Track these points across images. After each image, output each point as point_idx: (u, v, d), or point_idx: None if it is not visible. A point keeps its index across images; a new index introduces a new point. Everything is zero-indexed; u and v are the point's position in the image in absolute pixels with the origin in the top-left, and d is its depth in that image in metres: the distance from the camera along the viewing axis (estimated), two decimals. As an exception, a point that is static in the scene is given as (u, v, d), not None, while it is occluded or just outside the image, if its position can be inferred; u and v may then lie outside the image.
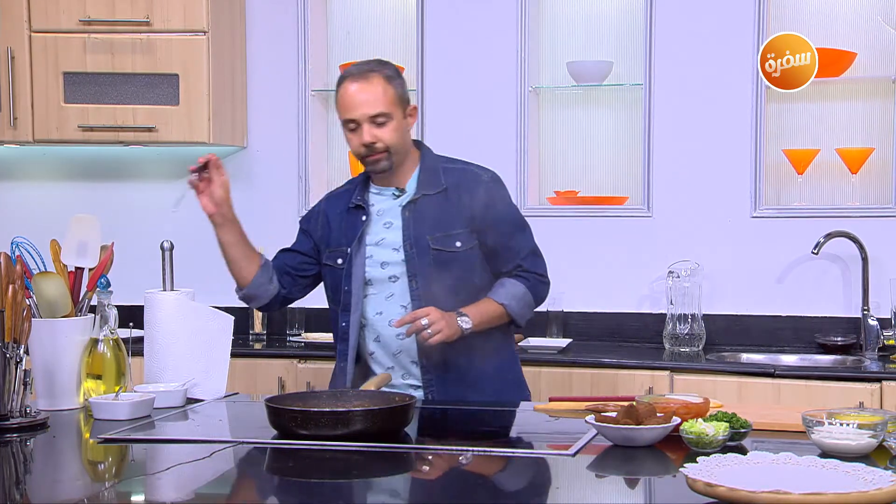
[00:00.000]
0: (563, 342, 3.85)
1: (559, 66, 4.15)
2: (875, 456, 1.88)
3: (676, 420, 2.03)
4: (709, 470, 1.62)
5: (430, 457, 2.03)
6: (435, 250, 2.66)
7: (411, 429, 2.18)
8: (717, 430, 1.93)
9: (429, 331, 2.51)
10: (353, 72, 2.67)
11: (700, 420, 1.99)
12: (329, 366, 3.71)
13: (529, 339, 3.91)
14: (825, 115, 3.93)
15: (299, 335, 4.10)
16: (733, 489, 1.50)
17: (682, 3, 3.95)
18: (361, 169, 4.18)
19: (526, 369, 3.56)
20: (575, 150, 4.21)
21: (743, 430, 2.00)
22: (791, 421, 2.16)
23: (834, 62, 3.77)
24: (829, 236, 3.73)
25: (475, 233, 2.69)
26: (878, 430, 1.89)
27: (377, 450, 2.01)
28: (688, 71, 3.96)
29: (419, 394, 2.66)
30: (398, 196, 2.72)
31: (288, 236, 4.30)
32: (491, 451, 2.02)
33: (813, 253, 3.72)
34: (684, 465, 1.64)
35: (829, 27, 3.88)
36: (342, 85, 2.66)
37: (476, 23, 4.16)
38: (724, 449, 1.91)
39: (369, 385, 2.48)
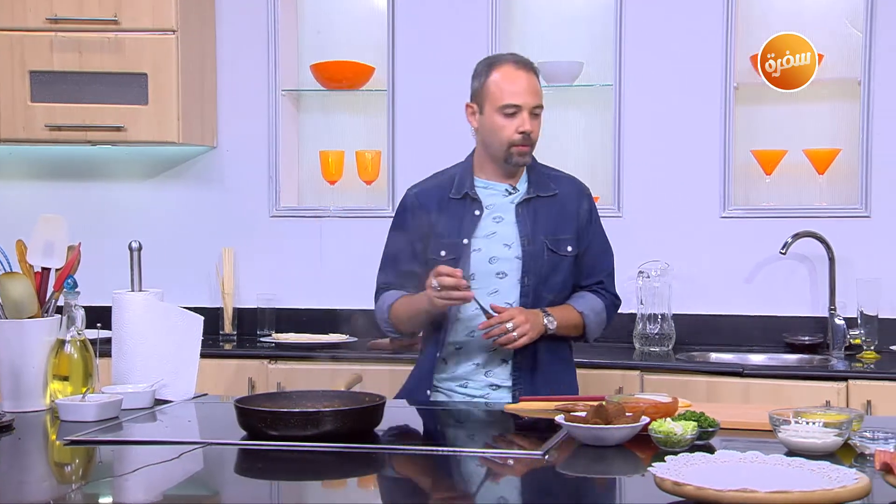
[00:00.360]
0: (534, 342, 3.85)
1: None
2: (840, 454, 1.89)
3: (645, 419, 2.04)
4: (677, 469, 1.63)
5: (400, 457, 2.02)
6: (550, 251, 2.69)
7: (382, 429, 2.17)
8: (685, 429, 1.95)
9: (514, 334, 2.54)
10: (510, 59, 2.68)
11: (669, 419, 2.00)
12: (300, 366, 3.74)
13: (500, 339, 3.91)
14: (793, 117, 3.96)
15: (270, 336, 4.08)
16: (701, 488, 1.50)
17: (651, 4, 3.97)
18: (335, 172, 4.21)
19: (497, 369, 3.59)
20: (545, 150, 4.20)
21: (711, 430, 2.01)
22: (759, 420, 2.17)
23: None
24: (796, 236, 3.76)
25: (579, 242, 2.75)
26: (844, 428, 1.91)
27: (347, 450, 2.00)
28: (658, 72, 3.98)
29: (500, 394, 2.67)
30: (511, 193, 2.73)
31: (258, 237, 4.35)
32: (461, 452, 2.02)
33: (781, 253, 3.75)
34: (652, 464, 1.65)
35: (796, 29, 3.90)
36: (501, 68, 2.66)
37: (447, 23, 4.17)
38: (693, 448, 1.92)
39: (339, 385, 2.47)
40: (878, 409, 3.21)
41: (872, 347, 3.60)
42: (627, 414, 2.05)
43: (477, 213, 2.70)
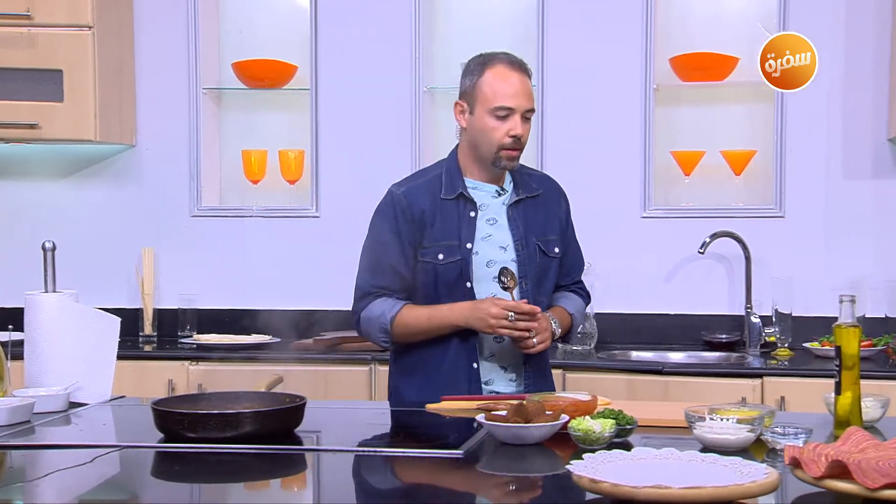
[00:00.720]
0: (458, 341, 3.86)
1: (454, 66, 4.16)
2: (753, 449, 1.93)
3: (565, 418, 2.06)
4: (594, 466, 1.64)
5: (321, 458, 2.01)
6: (543, 253, 2.67)
7: (302, 429, 2.16)
8: (603, 427, 1.97)
9: (534, 340, 2.52)
10: (505, 59, 2.59)
11: (587, 417, 2.02)
12: (222, 368, 3.70)
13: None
14: (710, 118, 4.04)
15: (191, 337, 4.02)
16: (617, 485, 1.52)
17: (573, 7, 4.01)
18: (258, 172, 4.17)
19: (420, 369, 3.58)
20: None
21: (629, 427, 2.04)
22: (676, 417, 2.21)
23: (717, 66, 3.88)
24: (714, 236, 3.83)
25: (562, 242, 2.73)
26: (756, 424, 1.95)
27: (267, 451, 1.98)
28: (580, 74, 4.02)
29: (510, 389, 2.63)
30: (501, 195, 2.67)
31: (178, 238, 4.29)
32: (381, 452, 2.01)
33: (699, 252, 3.81)
34: (571, 462, 1.66)
35: (712, 32, 3.99)
36: (494, 68, 2.56)
37: (370, 23, 4.16)
38: (611, 445, 1.94)
39: (260, 386, 2.45)
40: (791, 405, 3.28)
41: (787, 345, 3.68)
42: (548, 413, 2.06)
43: (472, 214, 2.61)
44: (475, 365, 2.61)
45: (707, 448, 1.91)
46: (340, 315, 4.13)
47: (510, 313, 2.49)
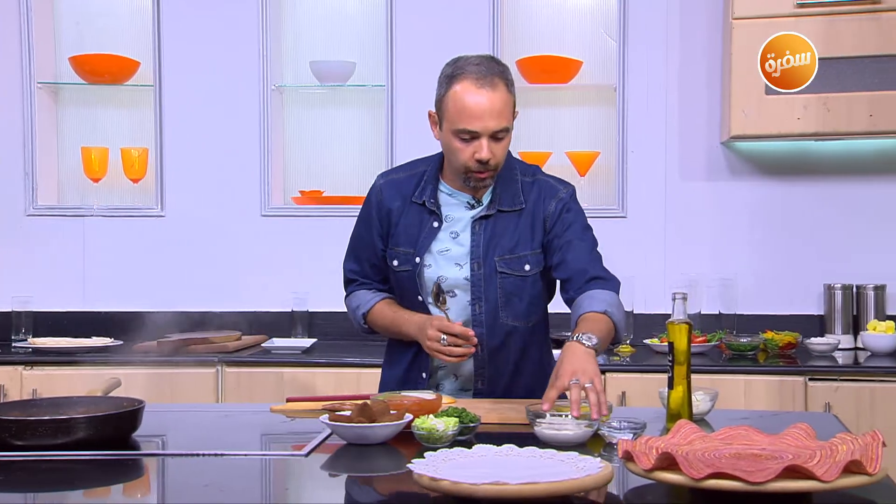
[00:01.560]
0: (308, 342, 3.84)
1: (302, 65, 4.14)
2: (591, 444, 1.98)
3: (409, 417, 2.07)
4: (434, 465, 1.65)
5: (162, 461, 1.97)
6: (502, 273, 2.44)
7: (141, 434, 2.10)
8: (446, 425, 1.98)
9: (597, 397, 2.04)
10: (475, 72, 2.33)
11: (431, 416, 2.03)
12: (59, 372, 3.57)
13: (273, 339, 3.88)
14: (556, 120, 4.13)
15: (26, 340, 3.86)
16: (456, 482, 1.54)
17: (421, 9, 4.03)
18: (99, 170, 4.04)
19: (269, 370, 3.56)
20: (320, 149, 4.21)
21: (472, 425, 2.06)
22: (520, 415, 2.26)
23: (562, 69, 3.97)
24: (559, 236, 3.91)
25: (543, 250, 2.47)
26: (593, 420, 2.00)
27: (102, 458, 1.92)
28: (430, 74, 4.03)
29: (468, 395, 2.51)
30: (472, 207, 2.47)
31: (12, 237, 4.12)
32: (222, 454, 1.98)
33: (545, 252, 3.88)
34: (412, 461, 1.67)
35: (557, 36, 4.08)
36: (460, 84, 2.33)
37: (216, 19, 4.09)
38: (454, 444, 1.96)
39: (95, 391, 2.36)
40: (631, 400, 3.39)
41: (628, 341, 3.79)
42: (392, 412, 2.06)
43: (435, 225, 2.47)
44: (423, 374, 2.52)
45: (548, 444, 1.94)
46: (185, 317, 4.05)
47: (442, 336, 2.32)
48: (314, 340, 3.91)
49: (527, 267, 2.46)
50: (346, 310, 2.66)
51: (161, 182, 4.09)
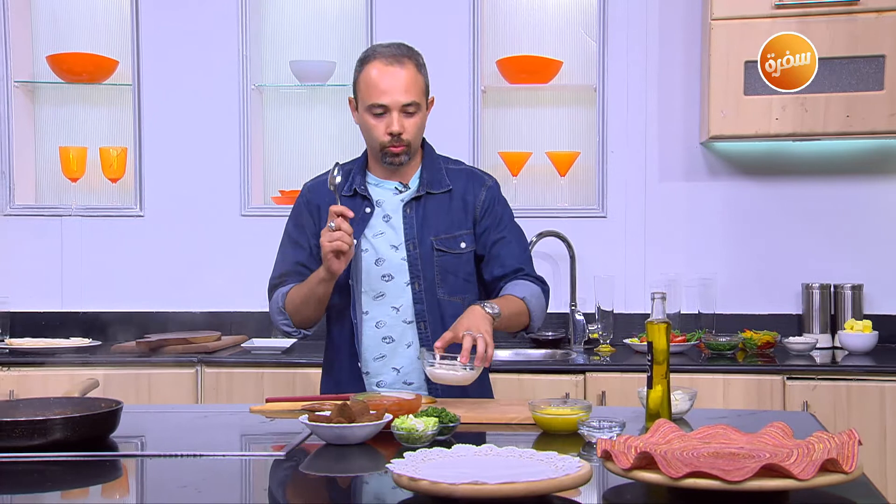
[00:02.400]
0: (288, 342, 3.83)
1: (282, 64, 4.13)
2: (570, 443, 1.99)
3: (389, 417, 2.07)
4: (414, 465, 1.65)
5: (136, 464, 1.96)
6: (439, 251, 2.56)
7: (119, 435, 2.09)
8: (426, 425, 1.98)
9: (485, 350, 2.29)
10: (385, 53, 2.51)
11: (411, 416, 2.03)
12: (36, 373, 3.54)
13: (253, 339, 3.87)
14: (536, 120, 4.13)
15: (3, 341, 3.84)
16: (435, 482, 1.54)
17: (401, 9, 4.03)
18: (77, 169, 4.01)
19: (248, 371, 3.56)
20: (300, 149, 4.20)
21: (451, 425, 2.06)
22: (500, 414, 2.26)
23: (542, 69, 3.98)
24: (540, 235, 3.92)
25: (476, 235, 2.60)
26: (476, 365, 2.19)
27: (79, 459, 1.91)
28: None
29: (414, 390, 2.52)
30: (400, 192, 2.59)
31: (-10, 236, 4.09)
32: (202, 454, 1.97)
33: (525, 252, 3.89)
34: (392, 461, 1.67)
35: (536, 36, 4.09)
36: (371, 64, 2.50)
37: (195, 18, 4.07)
38: (433, 443, 1.96)
39: (73, 391, 2.35)
40: (610, 399, 3.39)
41: (608, 341, 3.80)
42: (372, 412, 2.06)
43: (368, 210, 2.57)
44: (358, 364, 2.58)
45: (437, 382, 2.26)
46: (164, 317, 4.04)
47: (330, 222, 2.37)
48: (294, 341, 3.89)
49: (462, 245, 2.59)
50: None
51: (140, 182, 4.08)
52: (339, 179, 2.46)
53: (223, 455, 1.99)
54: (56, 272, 4.08)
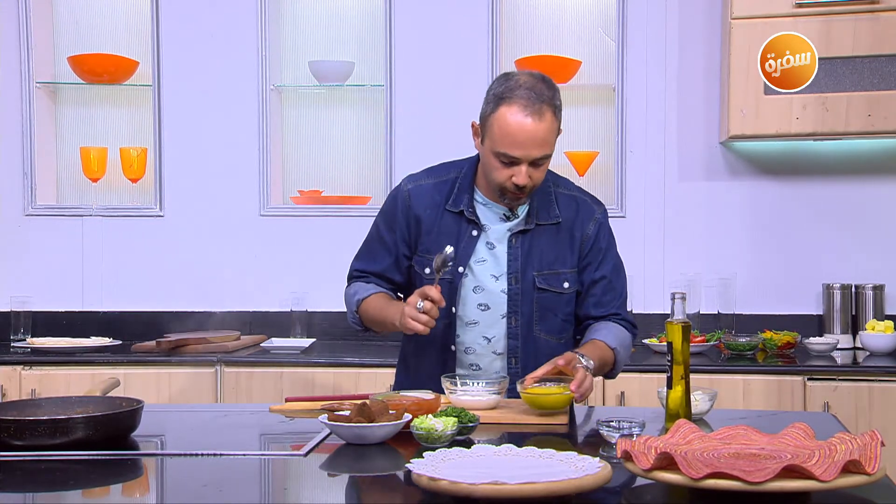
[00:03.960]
0: (307, 342, 3.84)
1: (301, 65, 4.14)
2: (590, 443, 1.99)
3: (408, 417, 2.07)
4: (433, 465, 1.65)
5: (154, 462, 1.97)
6: (541, 289, 2.46)
7: (140, 433, 2.10)
8: (445, 425, 1.98)
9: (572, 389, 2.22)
10: (525, 98, 2.32)
11: (430, 416, 2.03)
12: (57, 372, 3.56)
13: (272, 339, 3.88)
14: (555, 121, 4.11)
15: (25, 340, 3.86)
16: (455, 482, 1.54)
17: (420, 9, 4.03)
18: (97, 170, 4.03)
19: (268, 370, 3.56)
20: (318, 149, 4.21)
21: (471, 425, 2.06)
22: (518, 416, 2.26)
23: (561, 69, 3.97)
24: (558, 236, 3.91)
25: (580, 271, 2.51)
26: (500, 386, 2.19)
27: (100, 458, 1.92)
28: (427, 75, 4.04)
29: None
30: (508, 219, 2.47)
31: (11, 237, 4.11)
32: (221, 454, 1.98)
33: (544, 252, 3.88)
34: (411, 460, 1.67)
35: (555, 36, 4.08)
36: (509, 107, 2.32)
37: (215, 18, 4.09)
38: (452, 443, 1.96)
39: (94, 390, 2.36)
40: (630, 399, 3.39)
41: (627, 342, 3.79)
42: (391, 412, 2.07)
43: (475, 233, 2.46)
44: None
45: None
46: (184, 316, 4.06)
47: (420, 301, 2.29)
48: (313, 340, 3.91)
49: (566, 284, 2.49)
50: (344, 308, 2.63)
51: (160, 182, 4.10)
52: (449, 266, 2.36)
53: (243, 454, 1.99)
54: (77, 272, 4.11)
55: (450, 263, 2.36)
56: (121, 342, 3.86)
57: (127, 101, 4.20)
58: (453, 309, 2.47)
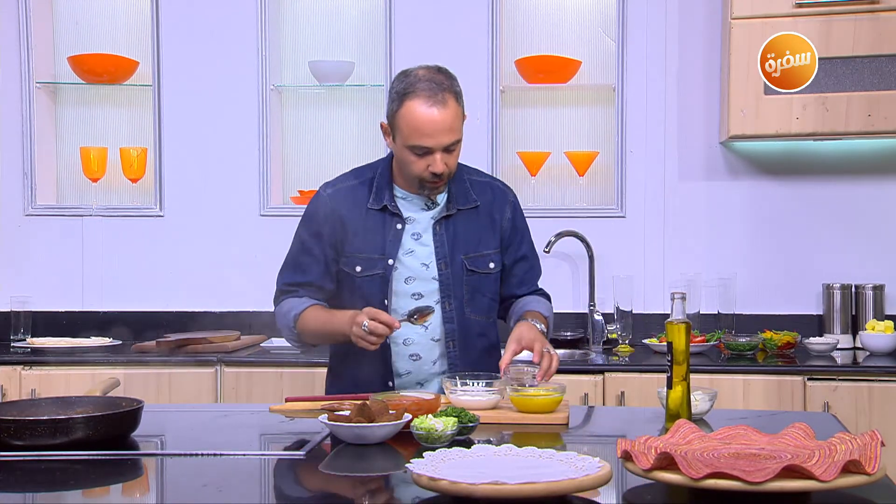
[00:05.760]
0: (306, 342, 3.83)
1: (301, 65, 4.14)
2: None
3: (408, 417, 2.07)
4: (433, 465, 1.65)
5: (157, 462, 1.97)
6: (470, 271, 2.55)
7: (140, 433, 2.10)
8: (445, 425, 1.99)
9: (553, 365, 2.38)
10: (425, 89, 2.42)
11: (430, 416, 2.04)
12: (57, 372, 3.56)
13: (272, 339, 3.88)
14: (555, 120, 4.12)
15: (25, 340, 3.86)
16: (455, 482, 1.54)
17: (420, 9, 4.03)
18: (97, 170, 4.03)
19: (268, 370, 3.56)
20: (318, 149, 4.21)
21: (471, 425, 2.06)
22: (518, 415, 2.26)
23: (561, 69, 3.97)
24: (559, 236, 3.91)
25: (501, 252, 2.61)
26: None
27: (100, 458, 1.93)
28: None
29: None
30: (430, 208, 2.55)
31: (13, 238, 4.12)
32: (221, 454, 1.98)
33: (545, 251, 3.88)
34: (411, 460, 1.67)
35: (555, 36, 4.08)
36: (412, 101, 2.42)
37: (215, 18, 4.09)
38: (452, 443, 1.96)
39: (94, 390, 2.36)
40: (630, 399, 3.39)
41: (627, 341, 3.79)
42: (391, 412, 2.07)
43: (399, 226, 2.53)
44: (390, 383, 2.55)
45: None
46: (184, 316, 4.05)
47: (365, 322, 2.35)
48: (313, 340, 3.90)
49: (491, 265, 2.59)
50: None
51: (160, 182, 4.09)
52: (427, 318, 2.45)
53: (243, 454, 2.00)
54: (77, 272, 4.10)
55: (422, 311, 2.44)
56: (121, 342, 3.85)
57: (127, 101, 4.20)
58: (385, 302, 2.51)
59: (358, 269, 2.53)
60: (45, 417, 2.01)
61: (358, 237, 2.53)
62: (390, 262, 2.51)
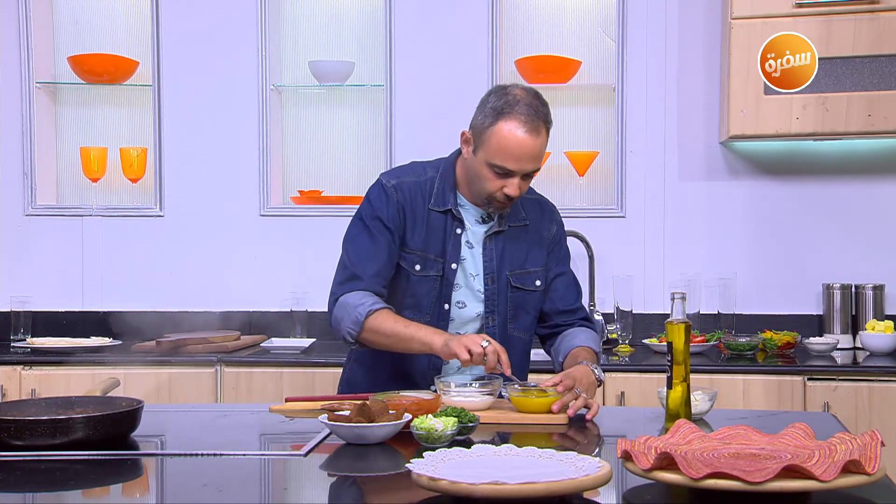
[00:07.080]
0: (307, 342, 3.84)
1: (301, 65, 4.14)
2: (590, 442, 1.98)
3: (408, 416, 2.07)
4: (433, 465, 1.65)
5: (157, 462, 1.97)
6: (515, 288, 2.56)
7: (140, 434, 2.10)
8: (445, 425, 1.99)
9: (588, 410, 2.30)
10: (524, 114, 2.40)
11: (430, 416, 2.04)
12: (57, 372, 3.56)
13: (272, 339, 3.88)
14: (555, 120, 4.10)
15: (25, 340, 3.86)
16: (455, 482, 1.54)
17: (420, 8, 4.03)
18: (97, 170, 4.03)
19: (268, 370, 3.57)
20: (318, 149, 4.21)
21: (471, 425, 2.06)
22: (518, 415, 2.26)
23: (561, 69, 3.97)
24: (558, 236, 3.91)
25: (546, 272, 2.61)
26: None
27: (100, 458, 1.93)
28: (428, 75, 4.04)
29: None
30: (485, 222, 2.55)
31: (13, 238, 4.12)
32: (221, 454, 1.98)
33: (544, 252, 3.88)
34: (411, 460, 1.67)
35: (555, 36, 4.08)
36: (509, 123, 2.40)
37: (215, 18, 4.09)
38: (452, 443, 1.96)
39: (94, 390, 2.36)
40: (630, 399, 3.39)
41: (627, 341, 3.79)
42: (391, 412, 2.07)
43: (458, 231, 2.52)
44: (432, 387, 2.48)
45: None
46: (184, 316, 4.05)
47: (485, 340, 2.31)
48: (313, 340, 3.90)
49: (537, 283, 2.59)
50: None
51: (160, 182, 4.10)
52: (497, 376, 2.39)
53: (243, 454, 2.00)
54: (77, 272, 4.11)
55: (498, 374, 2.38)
56: (121, 342, 3.85)
57: (127, 101, 4.20)
58: (445, 305, 2.53)
59: (417, 267, 2.51)
60: (45, 417, 2.01)
61: (417, 234, 2.52)
62: (453, 266, 2.51)
